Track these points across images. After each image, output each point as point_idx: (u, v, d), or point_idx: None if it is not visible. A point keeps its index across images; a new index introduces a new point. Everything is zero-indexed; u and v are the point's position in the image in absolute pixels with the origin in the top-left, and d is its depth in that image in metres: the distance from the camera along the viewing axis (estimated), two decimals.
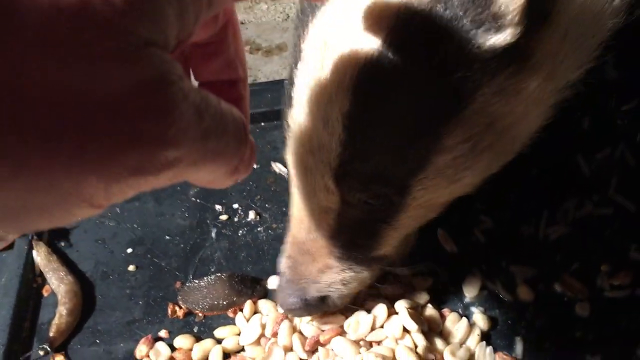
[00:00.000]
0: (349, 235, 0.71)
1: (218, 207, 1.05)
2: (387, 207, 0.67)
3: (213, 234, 1.02)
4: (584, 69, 0.67)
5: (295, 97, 0.63)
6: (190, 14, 0.32)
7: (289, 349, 0.85)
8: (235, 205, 1.05)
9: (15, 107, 0.25)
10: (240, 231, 1.02)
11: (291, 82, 0.64)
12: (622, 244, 0.93)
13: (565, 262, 0.92)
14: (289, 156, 0.68)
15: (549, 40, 0.58)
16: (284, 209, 1.04)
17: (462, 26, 0.53)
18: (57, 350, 0.89)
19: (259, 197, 1.06)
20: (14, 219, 0.29)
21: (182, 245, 1.01)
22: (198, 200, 1.06)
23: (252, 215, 1.03)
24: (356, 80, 0.56)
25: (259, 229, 1.02)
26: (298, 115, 0.63)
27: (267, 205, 1.05)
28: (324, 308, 0.80)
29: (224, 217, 1.04)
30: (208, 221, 1.03)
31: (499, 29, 0.53)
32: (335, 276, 0.75)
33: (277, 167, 1.09)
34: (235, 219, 1.04)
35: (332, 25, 0.58)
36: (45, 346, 0.88)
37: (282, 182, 1.08)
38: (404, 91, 0.57)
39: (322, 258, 0.74)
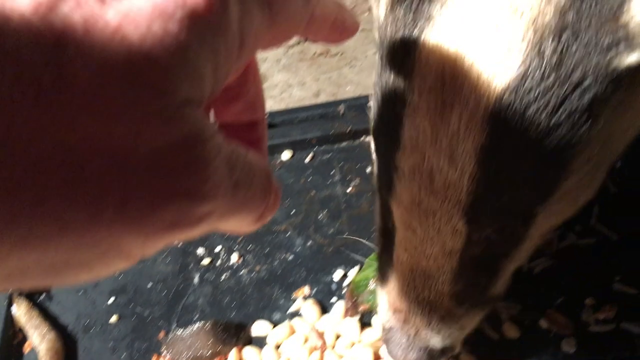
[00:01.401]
0: (470, 276, 0.67)
1: (200, 250, 1.04)
2: (510, 239, 0.65)
3: (196, 280, 1.01)
4: None
5: (405, 137, 0.59)
6: (223, 69, 0.33)
7: None
8: (218, 249, 1.04)
9: (64, 167, 0.26)
10: (223, 275, 1.01)
11: (394, 121, 0.59)
12: (606, 275, 0.93)
13: (550, 296, 0.92)
14: (397, 200, 0.64)
15: None
16: (267, 250, 1.03)
17: (598, 47, 0.52)
18: None
19: (241, 239, 1.05)
20: (57, 274, 0.30)
21: (164, 293, 0.99)
22: (180, 245, 1.05)
23: (234, 258, 1.02)
24: (492, 111, 0.53)
25: (242, 272, 1.01)
26: (410, 156, 0.59)
27: (249, 246, 1.04)
28: (446, 356, 0.76)
29: (206, 261, 1.02)
30: (190, 266, 1.02)
31: (632, 48, 0.52)
32: (456, 323, 0.71)
33: None
34: (218, 263, 1.03)
35: (450, 52, 0.54)
36: None
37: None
38: (541, 120, 0.54)
39: (442, 305, 0.69)
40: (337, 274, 0.99)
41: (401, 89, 0.59)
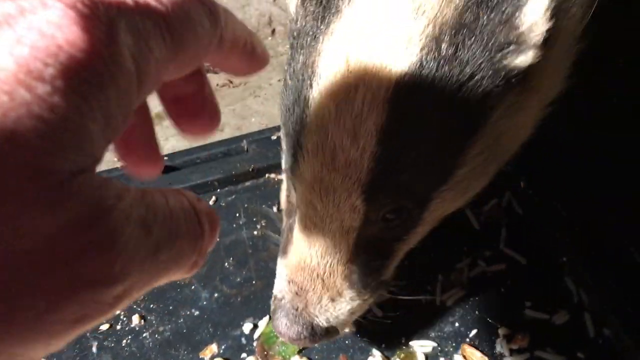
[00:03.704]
0: (365, 257, 0.69)
1: None
2: (404, 222, 0.67)
3: (94, 349, 0.93)
4: (562, 87, 0.72)
5: (311, 117, 0.61)
6: (118, 117, 0.27)
7: None
8: (117, 311, 0.97)
9: None
10: (124, 340, 0.94)
11: (301, 103, 0.62)
12: (517, 302, 0.92)
13: (464, 329, 0.90)
14: (300, 178, 0.65)
15: (547, 62, 0.63)
16: (171, 307, 0.97)
17: (491, 46, 0.57)
18: None
19: (142, 297, 0.98)
20: None
21: None
22: None
23: (135, 320, 0.95)
24: (392, 94, 0.57)
25: (144, 334, 0.94)
26: (315, 134, 0.61)
27: (152, 305, 0.97)
28: (329, 338, 0.76)
29: (105, 326, 0.95)
30: (88, 334, 0.94)
31: (522, 51, 0.58)
32: (345, 305, 0.71)
33: None
34: (118, 327, 0.95)
35: (355, 40, 0.59)
36: None
37: None
38: (438, 106, 0.59)
39: (334, 285, 0.70)
40: (247, 327, 0.94)
41: (309, 73, 0.62)
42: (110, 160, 1.07)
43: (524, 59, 0.58)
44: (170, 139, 1.38)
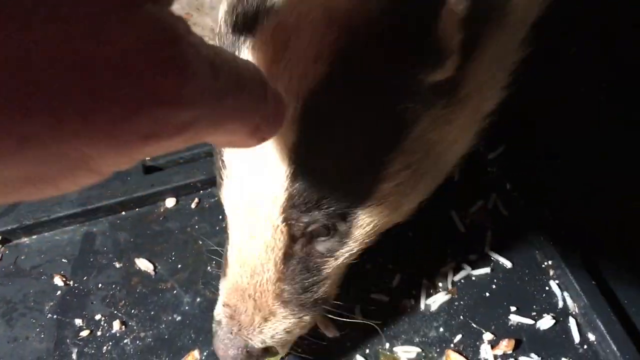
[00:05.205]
0: (296, 275, 0.68)
1: (78, 321, 0.95)
2: (332, 238, 0.67)
3: (74, 355, 0.91)
4: (498, 98, 0.71)
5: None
6: None
7: None
8: (98, 317, 0.95)
9: (16, 79, 0.24)
10: (105, 347, 0.92)
11: None
12: (502, 306, 0.91)
13: (449, 334, 0.89)
14: (226, 198, 0.65)
15: (476, 74, 0.62)
16: (152, 313, 0.96)
17: (406, 60, 0.55)
18: None
19: (123, 302, 0.97)
20: (17, 190, 0.27)
21: None
22: (55, 317, 0.95)
23: (116, 325, 0.94)
24: (301, 111, 0.55)
25: (125, 340, 0.93)
26: (233, 156, 0.61)
27: (133, 310, 0.96)
28: (266, 357, 0.76)
29: (85, 332, 0.93)
30: (68, 340, 0.93)
31: (439, 63, 0.55)
32: (279, 325, 0.71)
33: (141, 263, 1.00)
34: (99, 333, 0.94)
35: (263, 55, 0.57)
36: None
37: (149, 282, 0.99)
38: (350, 122, 0.57)
39: (266, 304, 0.69)
40: None
41: None
42: None
43: (441, 72, 0.56)
44: None
